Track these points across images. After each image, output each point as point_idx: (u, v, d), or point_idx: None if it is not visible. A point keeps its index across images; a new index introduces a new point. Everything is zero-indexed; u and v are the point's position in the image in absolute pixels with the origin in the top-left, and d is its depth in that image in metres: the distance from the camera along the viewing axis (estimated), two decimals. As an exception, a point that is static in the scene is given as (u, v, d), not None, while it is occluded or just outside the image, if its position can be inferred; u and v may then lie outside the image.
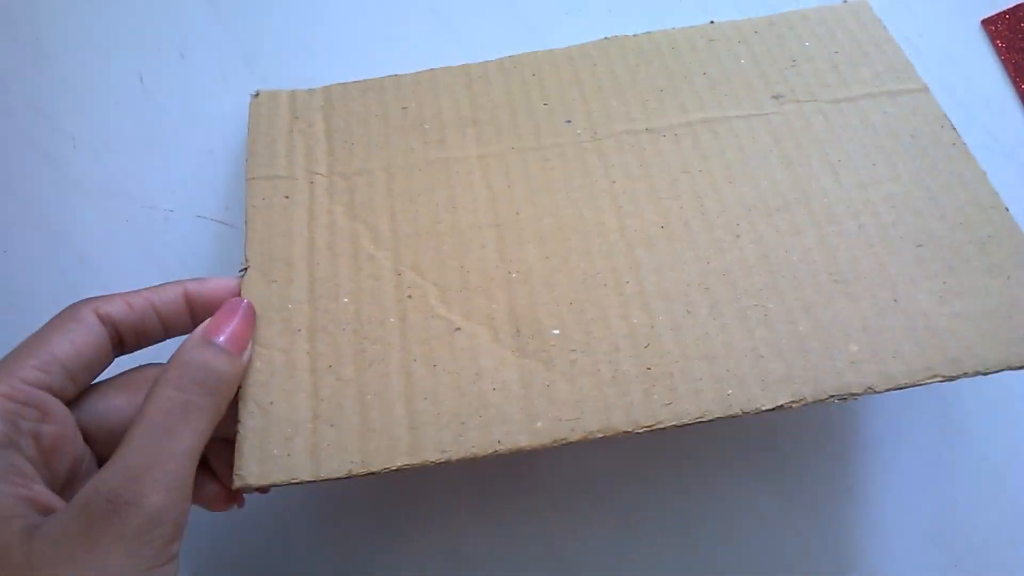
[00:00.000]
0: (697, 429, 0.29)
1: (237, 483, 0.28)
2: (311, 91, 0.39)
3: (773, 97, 0.37)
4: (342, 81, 0.39)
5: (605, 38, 0.40)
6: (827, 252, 0.32)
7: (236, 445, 0.29)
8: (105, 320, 0.29)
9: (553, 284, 0.32)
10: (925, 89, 0.37)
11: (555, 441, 0.29)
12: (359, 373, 0.30)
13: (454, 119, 0.37)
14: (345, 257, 0.33)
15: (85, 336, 0.28)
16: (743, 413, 0.29)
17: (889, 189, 0.34)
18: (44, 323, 0.28)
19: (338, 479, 0.28)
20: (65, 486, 0.27)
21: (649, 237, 0.33)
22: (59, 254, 0.39)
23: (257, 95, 0.39)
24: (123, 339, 0.30)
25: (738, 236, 0.33)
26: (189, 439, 0.26)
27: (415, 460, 0.28)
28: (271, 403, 0.29)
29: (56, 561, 0.23)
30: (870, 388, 0.29)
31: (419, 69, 0.39)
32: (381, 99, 0.38)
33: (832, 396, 0.29)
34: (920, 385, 0.29)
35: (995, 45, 0.41)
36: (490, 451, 0.29)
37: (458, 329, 0.31)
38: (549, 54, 0.40)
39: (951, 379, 0.29)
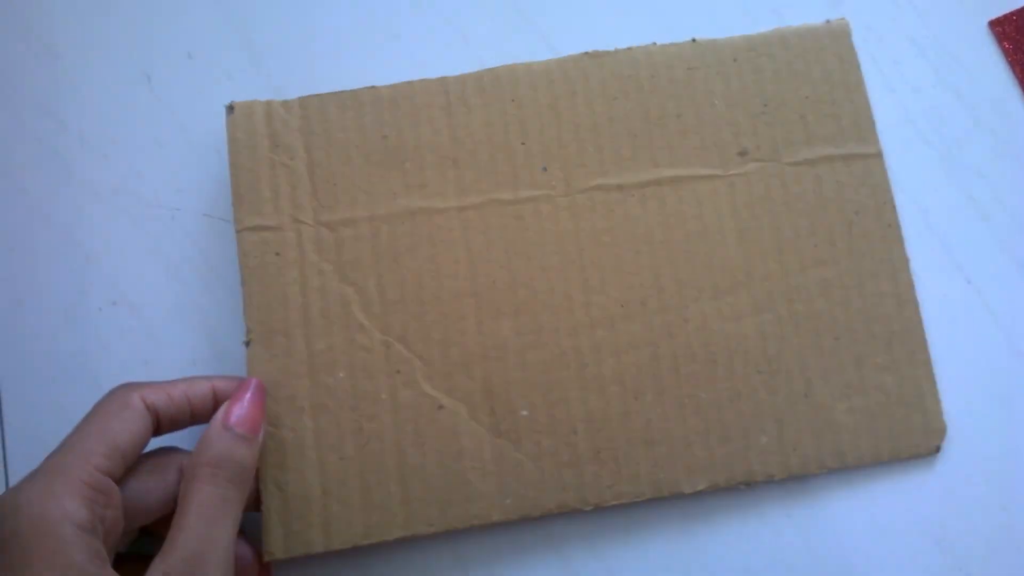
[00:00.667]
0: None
1: (267, 557, 0.35)
2: (287, 105, 0.38)
3: (739, 154, 0.39)
4: (340, 87, 0.39)
5: (586, 53, 0.40)
6: (759, 340, 0.38)
7: (263, 523, 0.35)
8: (150, 408, 0.33)
9: (525, 363, 0.37)
10: (879, 155, 0.40)
11: (520, 517, 0.36)
12: (358, 451, 0.36)
13: (435, 159, 0.38)
14: (338, 326, 0.37)
15: (137, 425, 0.32)
16: (669, 495, 0.37)
17: (824, 274, 0.38)
18: (96, 405, 0.32)
19: (343, 550, 0.35)
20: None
21: (610, 317, 0.38)
22: (65, 253, 0.40)
23: (232, 109, 0.38)
24: (160, 426, 0.34)
25: (686, 320, 0.38)
26: (230, 526, 0.31)
27: (408, 532, 0.36)
28: (287, 482, 0.35)
29: None
30: (771, 476, 0.37)
31: (423, 68, 0.40)
32: (360, 123, 0.38)
33: (739, 483, 0.37)
34: (811, 474, 0.37)
35: (1002, 47, 0.42)
36: (468, 525, 0.36)
37: (441, 407, 0.37)
38: (528, 71, 0.39)
39: (836, 470, 0.37)
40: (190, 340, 0.40)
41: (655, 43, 0.40)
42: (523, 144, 0.39)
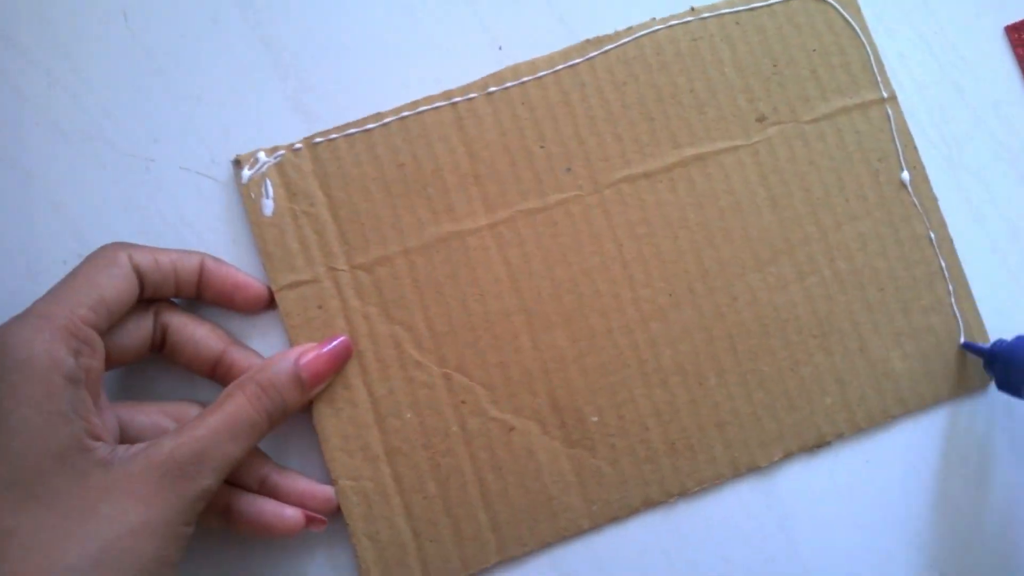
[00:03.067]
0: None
1: (377, 611, 0.35)
2: (296, 152, 0.37)
3: (757, 120, 0.39)
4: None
5: (587, 40, 0.39)
6: (808, 305, 0.38)
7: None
8: (135, 269, 0.32)
9: (585, 369, 0.37)
10: (893, 98, 0.39)
11: (609, 520, 0.37)
12: (440, 488, 0.36)
13: (456, 179, 0.37)
14: (395, 367, 0.36)
15: (123, 282, 0.32)
16: (747, 471, 0.37)
17: (859, 228, 0.39)
18: (84, 260, 0.32)
19: (447, 583, 0.36)
20: None
21: (660, 308, 0.37)
22: (31, 198, 0.37)
23: (238, 163, 0.37)
24: (143, 289, 0.33)
25: (735, 298, 0.38)
26: (241, 450, 0.31)
27: (503, 556, 0.36)
28: (377, 532, 0.35)
29: (128, 495, 0.28)
30: (840, 434, 0.38)
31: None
32: (373, 154, 0.37)
33: (812, 446, 0.38)
34: (877, 425, 0.38)
35: (1015, 52, 0.41)
36: (559, 537, 0.36)
37: (512, 429, 0.37)
38: (532, 68, 0.38)
39: (898, 417, 0.38)
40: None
41: (654, 18, 0.39)
42: (542, 147, 0.38)
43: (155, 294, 0.34)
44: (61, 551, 0.27)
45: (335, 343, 0.35)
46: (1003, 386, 0.37)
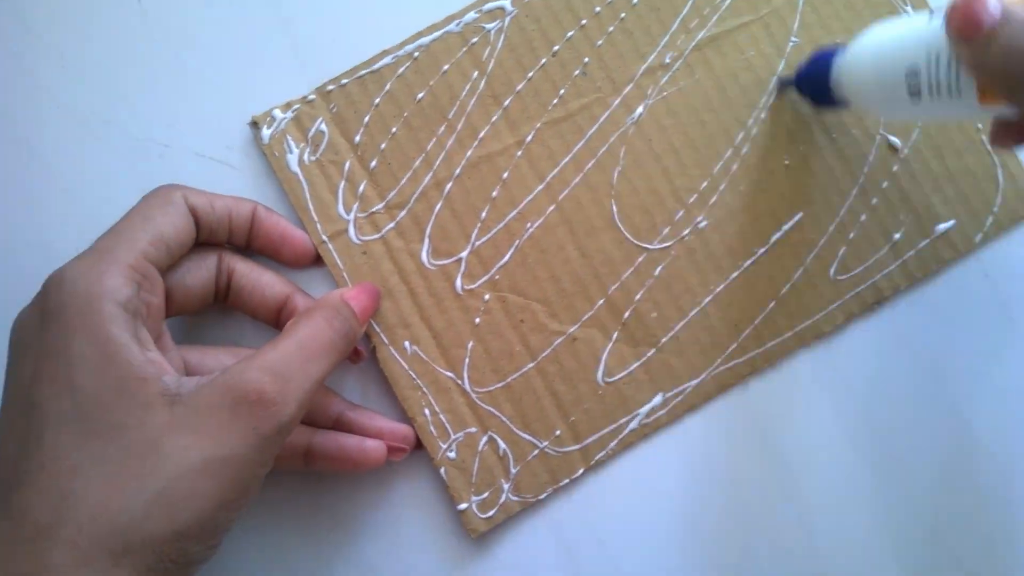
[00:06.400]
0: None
1: (473, 536, 0.35)
2: (310, 103, 0.36)
3: (764, -9, 0.38)
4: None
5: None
6: (845, 165, 0.38)
7: (456, 505, 0.35)
8: (191, 209, 0.32)
9: (636, 269, 0.37)
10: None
11: (687, 410, 0.37)
12: (516, 408, 0.36)
13: (475, 103, 0.37)
14: (448, 299, 0.36)
15: (181, 219, 0.31)
16: (814, 340, 0.37)
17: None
18: (140, 201, 0.32)
19: (541, 499, 0.36)
20: None
21: (700, 194, 0.37)
22: (44, 183, 0.37)
23: (256, 125, 0.36)
24: (199, 231, 0.33)
25: (772, 172, 0.38)
26: (323, 371, 0.30)
27: (588, 464, 0.36)
28: (463, 461, 0.35)
29: (195, 429, 0.27)
30: (897, 288, 0.38)
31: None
32: (389, 94, 0.37)
33: (872, 304, 0.38)
34: (932, 274, 0.38)
35: None
36: (641, 436, 0.37)
37: (575, 339, 0.37)
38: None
39: (953, 261, 0.38)
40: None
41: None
42: (554, 56, 0.37)
43: (210, 238, 0.33)
44: (119, 490, 0.26)
45: (367, 286, 0.35)
46: (817, 102, 0.36)
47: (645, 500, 0.37)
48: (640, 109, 0.37)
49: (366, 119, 0.37)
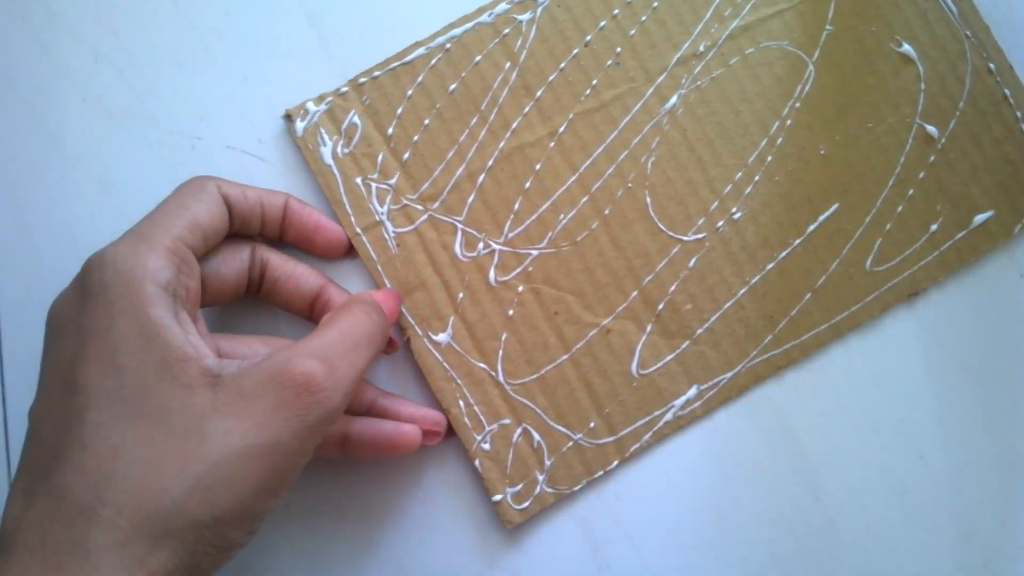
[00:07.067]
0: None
1: (508, 527, 0.35)
2: (343, 95, 0.36)
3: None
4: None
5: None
6: (881, 155, 0.38)
7: (491, 496, 0.35)
8: (224, 198, 0.32)
9: (671, 260, 0.37)
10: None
11: (721, 402, 0.37)
12: (550, 399, 0.36)
13: (507, 94, 0.37)
14: (482, 292, 0.36)
15: (215, 207, 0.31)
16: (848, 331, 0.37)
17: (917, 72, 0.38)
18: (174, 191, 0.32)
19: (576, 491, 0.36)
20: None
21: (735, 184, 0.37)
22: (75, 175, 0.37)
23: (289, 118, 0.36)
24: (232, 220, 0.33)
25: (807, 163, 0.37)
26: (365, 361, 0.29)
27: (623, 456, 0.36)
28: (497, 452, 0.35)
29: (239, 413, 0.26)
30: (934, 279, 0.37)
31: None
32: (421, 87, 0.37)
33: (910, 295, 0.37)
34: (968, 264, 0.37)
35: None
36: (675, 428, 0.36)
37: (609, 331, 0.36)
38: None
39: (989, 252, 0.38)
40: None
41: None
42: (586, 46, 0.37)
43: (242, 228, 0.33)
44: (160, 472, 0.26)
45: (392, 291, 0.35)
46: None
47: (673, 496, 0.37)
48: (674, 99, 0.37)
49: (399, 111, 0.37)
